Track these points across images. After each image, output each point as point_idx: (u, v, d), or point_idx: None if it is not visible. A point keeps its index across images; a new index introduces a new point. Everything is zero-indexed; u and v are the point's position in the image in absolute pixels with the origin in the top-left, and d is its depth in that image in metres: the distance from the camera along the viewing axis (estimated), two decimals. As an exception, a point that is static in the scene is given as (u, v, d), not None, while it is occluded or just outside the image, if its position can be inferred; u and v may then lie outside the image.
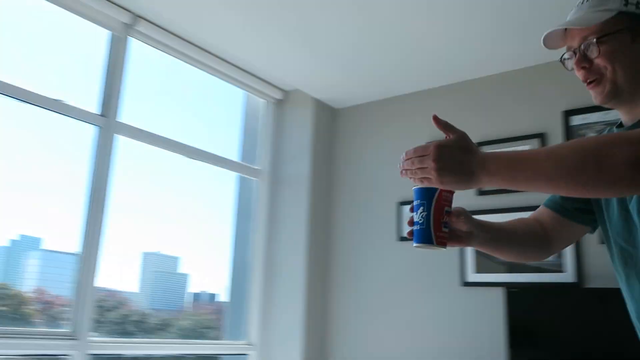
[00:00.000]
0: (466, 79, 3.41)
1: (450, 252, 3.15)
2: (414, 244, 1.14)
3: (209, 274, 3.75)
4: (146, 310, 3.71)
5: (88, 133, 2.77)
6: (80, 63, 2.94)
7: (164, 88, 3.38)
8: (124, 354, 2.86)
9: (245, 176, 3.72)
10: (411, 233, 1.16)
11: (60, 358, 2.51)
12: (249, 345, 3.45)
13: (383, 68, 3.36)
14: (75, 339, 2.48)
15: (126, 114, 2.91)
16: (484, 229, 1.25)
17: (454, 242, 1.20)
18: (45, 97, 2.57)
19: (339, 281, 3.64)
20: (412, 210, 1.15)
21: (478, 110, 3.34)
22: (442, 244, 1.13)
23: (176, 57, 3.20)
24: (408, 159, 1.05)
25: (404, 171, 1.07)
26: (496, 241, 1.27)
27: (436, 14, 2.70)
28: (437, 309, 3.22)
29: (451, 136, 1.06)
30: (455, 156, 1.00)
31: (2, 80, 2.40)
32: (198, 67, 3.32)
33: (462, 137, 1.05)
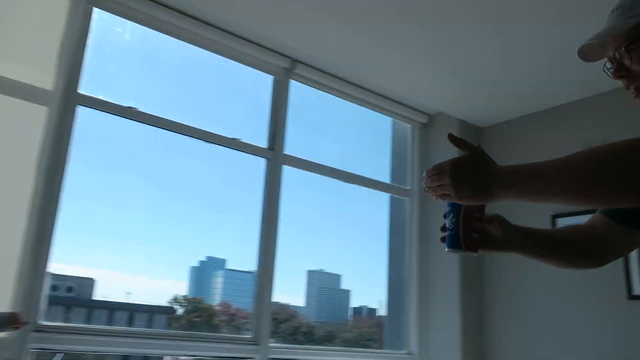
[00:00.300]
0: (616, 87, 3.24)
1: (614, 264, 2.99)
2: (445, 249, 1.17)
3: (368, 290, 3.97)
4: (313, 322, 4.00)
5: (259, 165, 3.18)
6: (250, 106, 3.39)
7: (320, 121, 3.72)
8: (298, 359, 3.17)
9: (397, 196, 3.91)
10: (444, 239, 1.18)
11: (244, 360, 2.88)
12: (409, 354, 3.59)
13: (528, 83, 3.34)
14: (257, 344, 2.83)
15: (290, 147, 3.28)
16: (524, 235, 1.23)
17: (490, 248, 1.20)
18: (224, 137, 3.02)
19: (495, 293, 3.63)
20: (444, 217, 1.17)
21: (630, 119, 3.15)
22: (472, 249, 1.15)
23: (329, 93, 3.53)
24: (429, 177, 1.06)
25: (426, 188, 1.08)
26: (539, 248, 1.23)
27: (581, 21, 2.66)
28: (601, 324, 3.06)
29: (466, 152, 1.07)
30: (470, 172, 1.01)
31: (191, 125, 2.88)
32: (349, 100, 3.61)
33: (478, 153, 1.05)
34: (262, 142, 3.21)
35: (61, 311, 2.70)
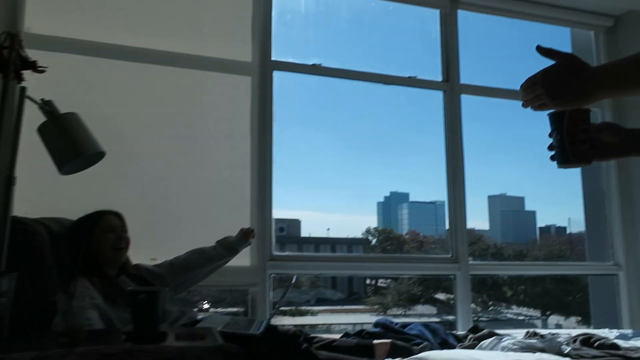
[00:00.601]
0: None
1: None
2: (557, 167, 1.15)
3: (555, 209, 3.90)
4: (499, 244, 4.07)
5: (437, 98, 3.29)
6: (420, 43, 3.48)
7: (493, 46, 3.66)
8: (498, 274, 3.32)
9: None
10: (553, 157, 1.17)
11: (448, 278, 3.13)
12: (616, 266, 3.50)
13: None
14: (458, 262, 3.05)
15: (465, 76, 3.32)
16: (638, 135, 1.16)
17: (606, 156, 1.17)
18: (401, 77, 3.17)
19: None
20: (550, 136, 1.16)
21: None
22: (582, 161, 1.13)
23: (499, 15, 3.44)
24: (524, 90, 1.06)
25: (524, 102, 1.08)
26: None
27: None
28: None
29: (558, 61, 1.04)
30: (563, 78, 1.00)
31: (370, 72, 3.10)
32: (521, 18, 3.48)
33: (569, 58, 1.02)
34: (437, 76, 3.29)
35: (278, 248, 3.17)
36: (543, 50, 1.07)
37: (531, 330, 2.50)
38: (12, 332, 1.42)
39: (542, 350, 2.04)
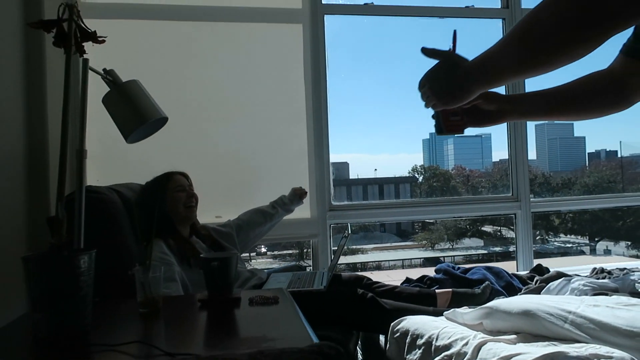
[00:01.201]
0: None
1: None
2: (436, 135, 1.25)
3: (605, 133, 3.66)
4: (547, 173, 3.90)
5: (495, 28, 3.08)
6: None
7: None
8: (561, 210, 3.17)
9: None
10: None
11: (509, 217, 3.03)
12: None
13: None
14: (518, 201, 2.94)
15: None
16: (520, 101, 1.18)
17: (485, 123, 1.18)
18: (458, 8, 2.98)
19: None
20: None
21: None
22: (454, 131, 1.20)
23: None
24: (419, 91, 1.08)
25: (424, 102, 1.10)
26: (547, 108, 1.14)
27: None
28: None
29: (439, 60, 1.04)
30: (443, 78, 1.00)
31: (421, 5, 2.90)
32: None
33: (446, 57, 1.02)
34: (496, 3, 3.06)
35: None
36: (427, 52, 1.08)
37: (597, 267, 2.39)
38: (95, 305, 1.45)
39: (616, 291, 1.95)
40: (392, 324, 1.76)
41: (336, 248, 2.21)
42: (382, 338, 1.90)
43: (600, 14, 0.71)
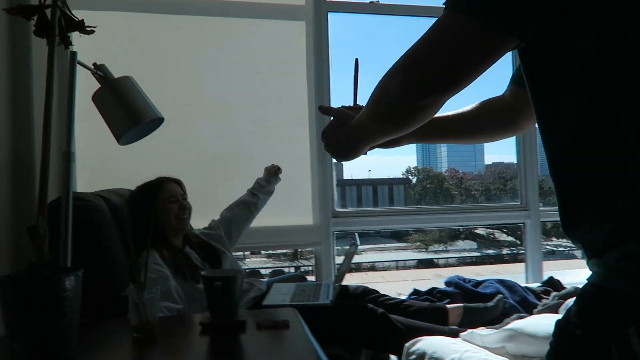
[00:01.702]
0: None
1: None
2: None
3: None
4: (541, 176, 3.80)
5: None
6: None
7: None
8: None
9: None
10: None
11: (518, 226, 2.89)
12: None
13: None
14: (528, 210, 2.79)
15: None
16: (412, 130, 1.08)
17: (383, 146, 1.14)
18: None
19: None
20: None
21: None
22: (343, 159, 1.14)
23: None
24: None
25: None
26: (440, 132, 1.14)
27: None
28: None
29: (332, 117, 1.06)
30: (333, 137, 1.03)
31: (421, 5, 2.75)
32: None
33: (337, 116, 1.04)
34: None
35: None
36: (321, 109, 1.11)
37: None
38: (82, 327, 1.28)
39: None
40: (406, 344, 1.61)
41: (342, 258, 2.05)
42: (393, 358, 1.74)
43: (430, 83, 0.76)
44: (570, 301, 1.94)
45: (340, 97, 2.69)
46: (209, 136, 2.41)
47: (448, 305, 2.04)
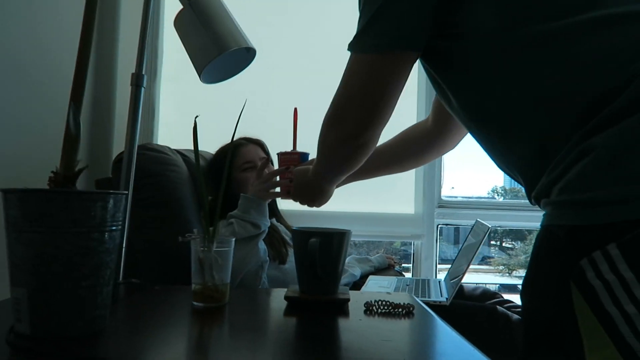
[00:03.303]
0: None
1: None
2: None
3: None
4: None
5: None
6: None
7: None
8: None
9: None
10: None
11: None
12: None
13: None
14: None
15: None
16: None
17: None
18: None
19: None
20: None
21: None
22: (285, 196, 1.19)
23: None
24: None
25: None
26: (370, 168, 1.03)
27: None
28: None
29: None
30: (303, 192, 1.07)
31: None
32: None
33: (297, 174, 1.08)
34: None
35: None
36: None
37: None
38: (146, 293, 0.93)
39: None
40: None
41: (460, 250, 1.57)
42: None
43: (360, 124, 0.80)
44: None
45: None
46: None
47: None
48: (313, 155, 1.28)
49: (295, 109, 1.23)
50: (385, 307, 0.80)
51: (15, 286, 0.60)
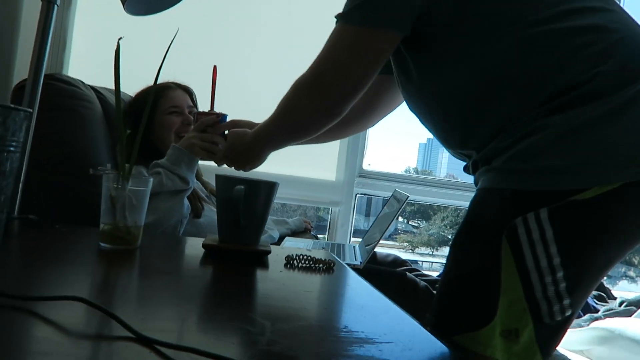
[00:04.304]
0: None
1: None
2: None
3: None
4: None
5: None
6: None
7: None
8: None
9: None
10: None
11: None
12: None
13: None
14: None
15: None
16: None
17: None
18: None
19: None
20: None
21: None
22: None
23: None
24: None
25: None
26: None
27: None
28: None
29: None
30: (237, 152, 1.02)
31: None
32: None
33: (233, 131, 1.05)
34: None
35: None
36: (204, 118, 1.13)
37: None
38: (52, 233, 0.83)
39: None
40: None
41: (376, 219, 1.60)
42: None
43: (344, 93, 0.80)
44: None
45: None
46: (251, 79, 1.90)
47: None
48: (231, 117, 1.21)
49: (215, 67, 1.16)
50: (306, 262, 0.79)
51: None
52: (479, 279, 0.69)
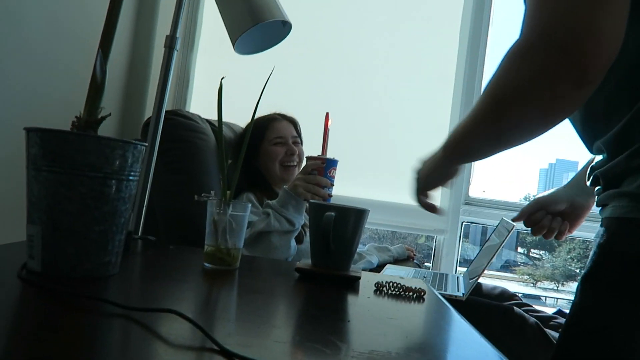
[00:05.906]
0: None
1: None
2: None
3: None
4: None
5: None
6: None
7: None
8: None
9: None
10: None
11: None
12: None
13: None
14: None
15: None
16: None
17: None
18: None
19: None
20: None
21: None
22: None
23: None
24: None
25: None
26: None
27: None
28: None
29: None
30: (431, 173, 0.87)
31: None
32: None
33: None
34: None
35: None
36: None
37: None
38: (162, 253, 0.94)
39: None
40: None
41: (482, 249, 1.53)
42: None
43: (573, 59, 0.52)
44: None
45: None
46: (347, 89, 1.99)
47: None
48: (342, 162, 1.26)
49: (327, 114, 1.14)
50: (396, 290, 0.79)
51: (30, 223, 0.62)
52: (611, 336, 0.58)
